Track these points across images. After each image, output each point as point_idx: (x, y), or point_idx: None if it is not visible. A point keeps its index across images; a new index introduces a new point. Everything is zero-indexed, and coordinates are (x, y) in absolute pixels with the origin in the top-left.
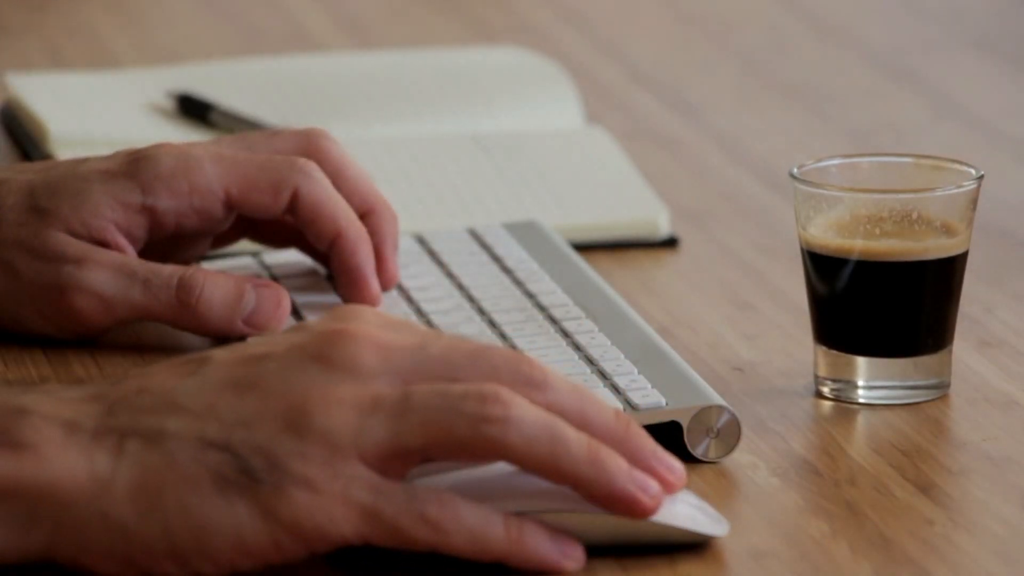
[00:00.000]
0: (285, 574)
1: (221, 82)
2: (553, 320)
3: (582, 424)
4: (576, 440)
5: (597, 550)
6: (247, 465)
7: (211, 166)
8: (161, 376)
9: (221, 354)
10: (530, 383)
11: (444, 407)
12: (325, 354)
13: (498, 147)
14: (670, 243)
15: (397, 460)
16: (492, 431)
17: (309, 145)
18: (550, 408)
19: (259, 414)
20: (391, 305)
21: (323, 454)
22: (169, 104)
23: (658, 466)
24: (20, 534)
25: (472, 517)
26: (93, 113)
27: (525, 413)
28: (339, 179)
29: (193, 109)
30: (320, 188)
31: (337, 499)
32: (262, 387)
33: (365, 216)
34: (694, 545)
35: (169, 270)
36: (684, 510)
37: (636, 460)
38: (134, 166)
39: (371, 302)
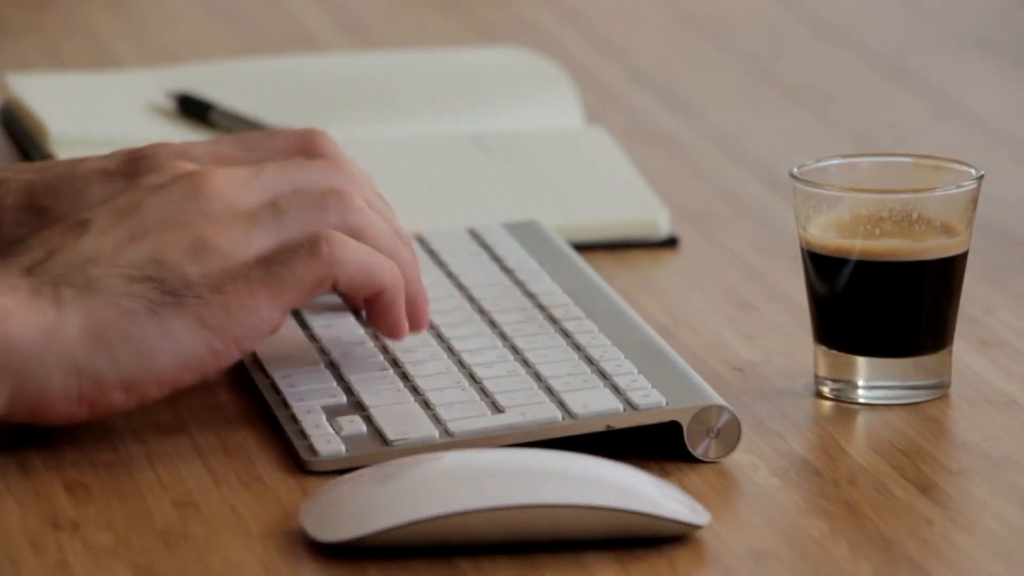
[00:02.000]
0: (279, 574)
1: (221, 82)
2: (553, 320)
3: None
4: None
5: (596, 548)
6: (170, 287)
7: None
8: (55, 241)
9: (97, 214)
10: (350, 180)
11: (310, 206)
12: (193, 191)
13: (498, 147)
14: (670, 243)
15: None
16: (357, 219)
17: (308, 145)
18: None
19: (162, 250)
20: None
21: (225, 266)
22: (169, 104)
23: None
24: None
25: (359, 249)
26: (93, 113)
27: (368, 205)
28: None
29: (193, 109)
30: None
31: (245, 292)
32: (154, 230)
33: None
34: (691, 543)
35: None
36: (669, 504)
37: None
38: (132, 167)
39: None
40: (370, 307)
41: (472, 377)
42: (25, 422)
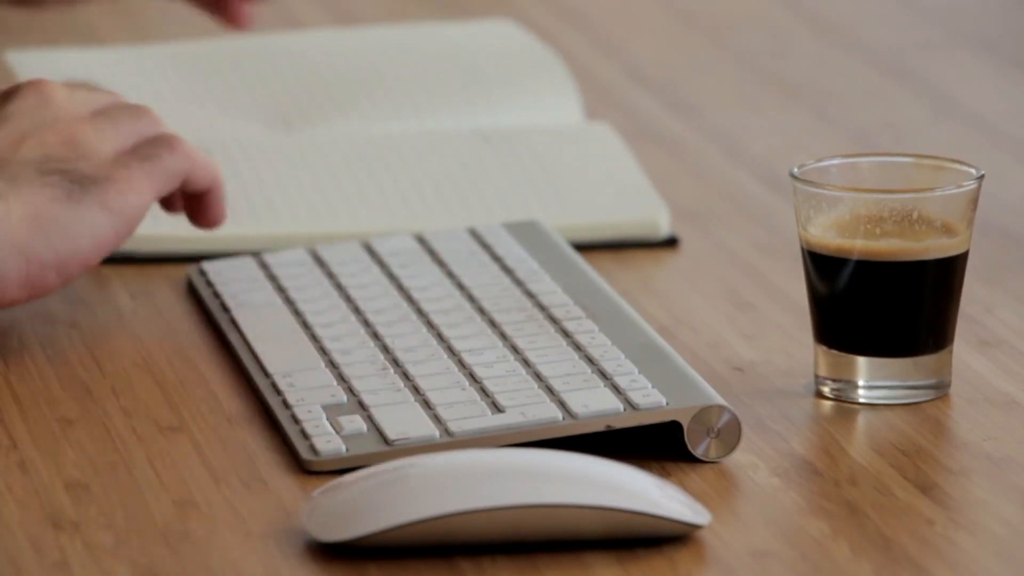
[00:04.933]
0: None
1: (219, 67)
2: (553, 320)
3: None
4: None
5: (596, 548)
6: (75, 175)
7: None
8: None
9: None
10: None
11: (131, 108)
12: (43, 99)
13: (500, 143)
14: (670, 243)
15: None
16: (169, 129)
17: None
18: None
19: (49, 148)
20: (392, 305)
21: (105, 158)
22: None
23: None
24: None
25: (198, 149)
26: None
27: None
28: None
29: None
30: None
31: (131, 179)
32: (30, 133)
33: None
34: (691, 543)
35: None
36: (669, 504)
37: None
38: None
39: None
40: (199, 202)
41: (472, 377)
42: None
